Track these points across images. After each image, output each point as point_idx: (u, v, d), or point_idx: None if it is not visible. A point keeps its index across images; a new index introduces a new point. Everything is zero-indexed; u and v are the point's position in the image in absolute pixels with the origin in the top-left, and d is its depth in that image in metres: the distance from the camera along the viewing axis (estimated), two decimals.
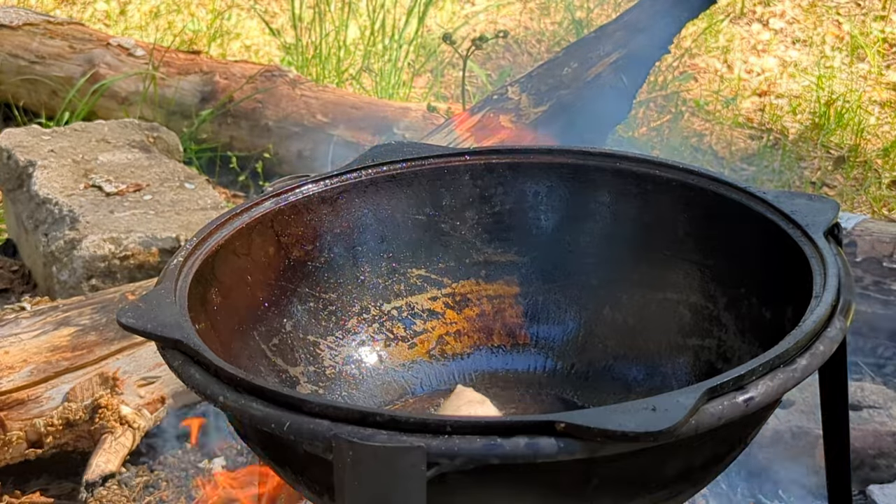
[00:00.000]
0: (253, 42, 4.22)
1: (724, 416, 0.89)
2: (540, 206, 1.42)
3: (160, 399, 1.94)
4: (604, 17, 4.17)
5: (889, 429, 1.83)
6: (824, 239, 1.14)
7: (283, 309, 1.31)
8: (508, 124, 2.59)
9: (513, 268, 1.43)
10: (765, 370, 0.93)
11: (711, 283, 1.29)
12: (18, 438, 1.83)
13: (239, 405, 0.94)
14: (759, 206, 1.23)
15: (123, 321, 1.05)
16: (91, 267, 2.31)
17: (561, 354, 1.40)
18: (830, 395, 1.22)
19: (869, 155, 3.38)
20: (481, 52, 3.85)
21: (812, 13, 4.23)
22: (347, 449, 0.87)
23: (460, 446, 0.86)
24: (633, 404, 0.86)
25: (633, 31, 2.77)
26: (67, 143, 2.75)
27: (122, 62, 3.44)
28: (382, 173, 1.39)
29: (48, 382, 1.86)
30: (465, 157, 1.42)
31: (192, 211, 2.47)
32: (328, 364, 1.34)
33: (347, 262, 1.38)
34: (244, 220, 1.27)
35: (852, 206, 3.06)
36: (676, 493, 1.03)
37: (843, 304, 1.04)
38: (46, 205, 2.48)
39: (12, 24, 3.56)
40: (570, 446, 0.85)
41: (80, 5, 4.45)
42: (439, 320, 1.42)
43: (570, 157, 1.40)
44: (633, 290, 1.36)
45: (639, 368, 1.34)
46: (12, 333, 1.92)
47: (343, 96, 3.27)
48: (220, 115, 3.28)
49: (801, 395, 1.86)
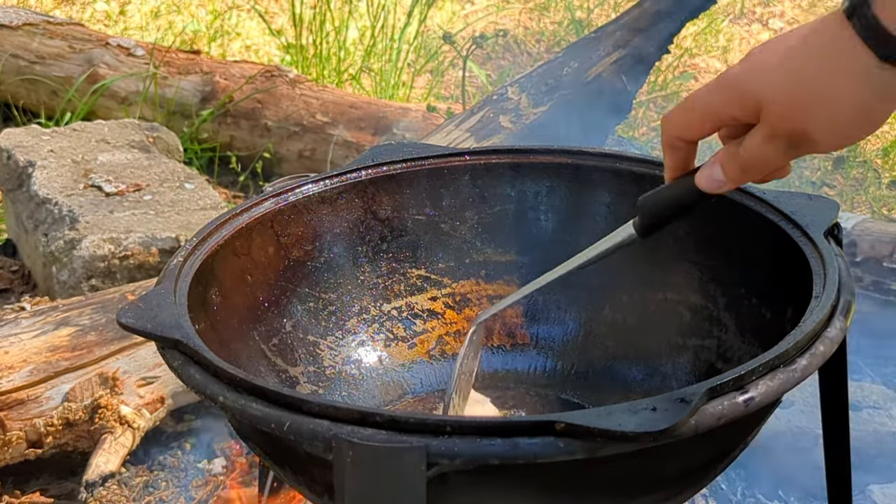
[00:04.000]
0: (253, 42, 4.22)
1: (724, 416, 0.89)
2: (540, 206, 1.42)
3: (160, 399, 1.94)
4: (604, 17, 4.17)
5: (889, 429, 1.83)
6: (824, 239, 1.14)
7: (283, 309, 1.31)
8: (508, 124, 2.59)
9: (513, 268, 1.43)
10: (765, 370, 0.93)
11: (711, 283, 1.29)
12: (18, 438, 1.83)
13: (239, 405, 0.94)
14: (759, 206, 1.23)
15: (123, 321, 1.05)
16: (91, 267, 2.31)
17: (561, 354, 1.40)
18: (830, 395, 1.22)
19: (869, 155, 3.38)
20: (481, 52, 3.86)
21: (812, 13, 4.23)
22: (347, 449, 0.86)
23: (460, 446, 0.86)
24: (633, 404, 0.86)
25: (633, 31, 2.77)
26: (67, 143, 2.75)
27: (121, 62, 3.44)
28: (382, 173, 1.39)
29: (48, 382, 1.86)
30: (465, 157, 1.42)
31: (192, 211, 2.47)
32: (328, 364, 1.34)
33: (347, 262, 1.38)
34: (244, 220, 1.27)
35: (852, 206, 3.06)
36: (676, 493, 1.03)
37: (843, 304, 1.04)
38: (46, 205, 2.48)
39: (12, 25, 3.56)
40: (570, 446, 0.85)
41: (79, 5, 4.45)
42: (439, 320, 1.42)
43: (570, 157, 1.40)
44: (633, 290, 1.36)
45: (639, 368, 1.34)
46: (12, 333, 1.92)
47: (343, 96, 3.28)
48: (220, 115, 3.28)
49: (801, 395, 1.86)
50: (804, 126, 0.89)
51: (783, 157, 0.92)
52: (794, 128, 0.89)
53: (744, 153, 0.93)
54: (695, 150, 1.01)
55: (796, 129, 0.89)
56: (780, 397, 0.97)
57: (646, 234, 1.07)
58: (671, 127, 0.99)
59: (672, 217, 1.05)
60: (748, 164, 0.94)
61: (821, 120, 0.88)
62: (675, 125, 0.99)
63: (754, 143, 0.92)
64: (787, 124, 0.90)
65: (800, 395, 1.86)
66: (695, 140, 0.99)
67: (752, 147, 0.92)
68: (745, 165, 0.94)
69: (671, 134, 0.99)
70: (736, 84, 0.92)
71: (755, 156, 0.93)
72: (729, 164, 0.96)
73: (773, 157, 0.92)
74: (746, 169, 0.95)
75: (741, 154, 0.94)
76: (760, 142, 0.92)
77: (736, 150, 0.94)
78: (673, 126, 0.99)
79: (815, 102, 0.88)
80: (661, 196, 1.04)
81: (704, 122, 0.96)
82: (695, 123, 0.97)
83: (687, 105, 0.97)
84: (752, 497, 1.79)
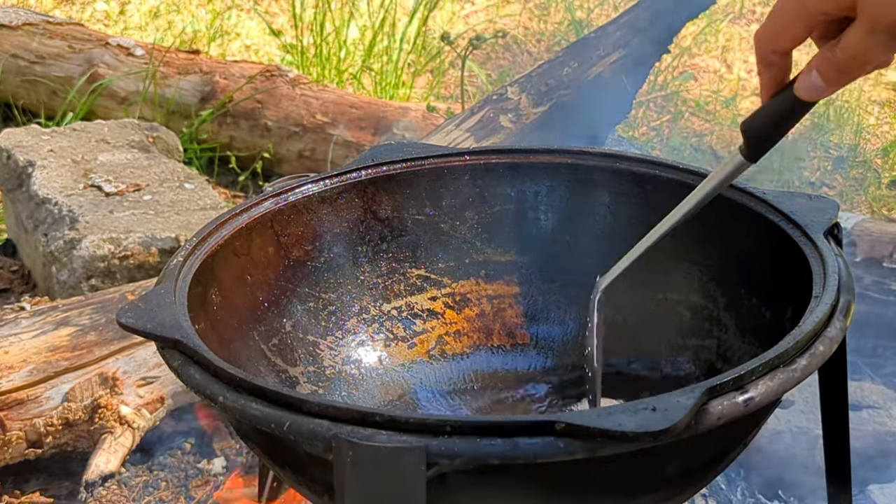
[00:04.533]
0: (253, 42, 4.22)
1: (723, 416, 0.89)
2: (540, 206, 1.42)
3: (160, 399, 1.94)
4: (604, 17, 4.17)
5: (889, 429, 1.83)
6: (824, 239, 1.14)
7: (282, 309, 1.31)
8: (508, 124, 2.59)
9: (513, 268, 1.43)
10: (765, 370, 0.93)
11: (711, 283, 1.29)
12: (18, 438, 1.83)
13: (239, 405, 0.94)
14: (759, 206, 1.23)
15: (123, 321, 1.05)
16: (90, 267, 2.31)
17: (561, 354, 1.40)
18: (830, 395, 1.22)
19: (869, 155, 3.38)
20: (481, 52, 3.86)
21: None
22: (347, 449, 0.86)
23: (460, 446, 0.86)
24: (633, 404, 0.86)
25: (633, 31, 2.78)
26: (67, 143, 2.75)
27: (121, 62, 3.44)
28: (382, 173, 1.39)
29: (48, 382, 1.86)
30: (465, 157, 1.42)
31: (192, 211, 2.47)
32: (328, 364, 1.34)
33: (347, 261, 1.38)
34: (244, 220, 1.27)
35: (852, 206, 3.06)
36: (676, 493, 1.03)
37: (842, 304, 1.04)
38: (46, 205, 2.48)
39: (12, 25, 3.56)
40: (570, 446, 0.85)
41: (79, 5, 4.45)
42: (439, 320, 1.42)
43: (570, 157, 1.40)
44: (633, 290, 1.36)
45: (639, 368, 1.34)
46: (12, 333, 1.92)
47: (343, 96, 3.28)
48: (220, 115, 3.28)
49: (801, 395, 1.86)
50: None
51: (885, 50, 0.89)
52: (895, 17, 0.86)
53: (842, 53, 0.91)
54: (790, 62, 0.97)
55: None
56: (780, 397, 0.97)
57: (754, 157, 1.04)
58: (764, 40, 0.96)
59: (778, 135, 1.02)
60: (849, 65, 0.91)
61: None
62: (767, 37, 0.96)
63: (854, 41, 0.89)
64: (888, 13, 0.86)
65: (800, 395, 1.86)
66: (789, 50, 0.96)
67: (852, 45, 0.89)
68: (845, 66, 0.91)
69: (765, 48, 0.96)
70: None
71: (856, 54, 0.90)
72: (827, 68, 0.93)
73: (875, 52, 0.89)
74: (847, 69, 0.91)
75: (839, 55, 0.91)
76: (861, 38, 0.89)
77: (833, 51, 0.91)
78: (765, 39, 0.96)
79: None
80: (763, 115, 1.02)
81: (796, 25, 0.93)
82: (786, 29, 0.94)
83: (776, 12, 0.94)
84: (752, 497, 1.79)
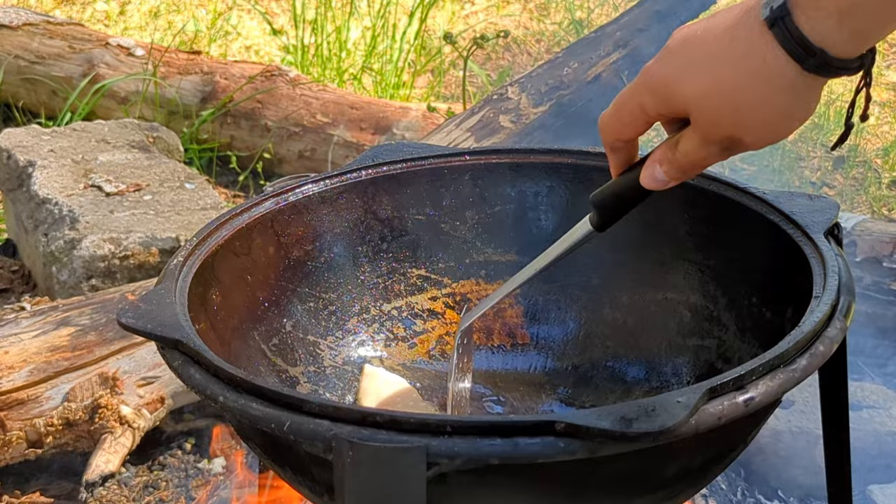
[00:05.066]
0: (253, 42, 4.22)
1: (724, 416, 0.89)
2: (540, 206, 1.41)
3: (160, 399, 1.94)
4: (604, 17, 4.17)
5: (889, 429, 1.83)
6: (824, 239, 1.14)
7: (283, 309, 1.31)
8: (508, 124, 2.60)
9: (513, 268, 1.42)
10: (765, 370, 0.93)
11: (711, 283, 1.29)
12: (18, 438, 1.83)
13: (239, 405, 0.94)
14: (759, 206, 1.22)
15: (123, 321, 1.05)
16: (91, 267, 2.31)
17: (561, 354, 1.40)
18: (830, 395, 1.22)
19: (869, 155, 3.38)
20: (481, 52, 3.86)
21: None
22: (347, 449, 0.87)
23: (460, 446, 0.86)
24: (633, 404, 0.86)
25: (633, 31, 2.78)
26: (67, 143, 2.75)
27: (121, 62, 3.44)
28: (382, 173, 1.39)
29: (48, 382, 1.86)
30: (465, 157, 1.41)
31: (192, 211, 2.47)
32: (328, 364, 1.34)
33: (347, 262, 1.38)
34: (244, 220, 1.27)
35: (852, 206, 3.06)
36: (676, 493, 1.03)
37: (843, 304, 1.04)
38: (46, 205, 2.48)
39: (12, 25, 3.56)
40: (570, 446, 0.85)
41: (79, 5, 4.45)
42: (439, 320, 1.42)
43: (570, 157, 1.40)
44: (633, 290, 1.36)
45: (639, 368, 1.34)
46: (12, 333, 1.92)
47: (343, 96, 3.27)
48: (221, 115, 3.28)
49: (801, 395, 1.86)
50: (734, 132, 0.93)
51: (718, 157, 0.97)
52: (725, 134, 0.94)
53: (681, 157, 0.98)
54: (636, 146, 1.05)
55: (727, 135, 0.94)
56: (780, 397, 0.97)
57: (602, 228, 1.10)
58: (608, 130, 1.04)
59: (624, 210, 1.08)
60: (687, 167, 0.99)
61: (750, 126, 0.93)
62: (612, 129, 1.03)
63: (689, 148, 0.97)
64: (718, 131, 0.94)
65: (800, 395, 1.86)
66: (633, 138, 1.04)
67: (690, 151, 0.97)
68: (684, 167, 0.99)
69: (609, 137, 1.04)
70: (664, 86, 0.95)
71: (692, 159, 0.98)
72: (669, 167, 1.00)
73: (710, 159, 0.98)
74: (686, 170, 1.00)
75: (678, 157, 0.99)
76: (696, 147, 0.96)
77: (673, 151, 0.99)
78: (609, 130, 1.04)
79: (743, 112, 0.92)
80: (610, 191, 1.08)
81: (637, 123, 1.01)
82: (628, 125, 1.02)
83: (617, 107, 1.02)
84: (752, 497, 1.79)
